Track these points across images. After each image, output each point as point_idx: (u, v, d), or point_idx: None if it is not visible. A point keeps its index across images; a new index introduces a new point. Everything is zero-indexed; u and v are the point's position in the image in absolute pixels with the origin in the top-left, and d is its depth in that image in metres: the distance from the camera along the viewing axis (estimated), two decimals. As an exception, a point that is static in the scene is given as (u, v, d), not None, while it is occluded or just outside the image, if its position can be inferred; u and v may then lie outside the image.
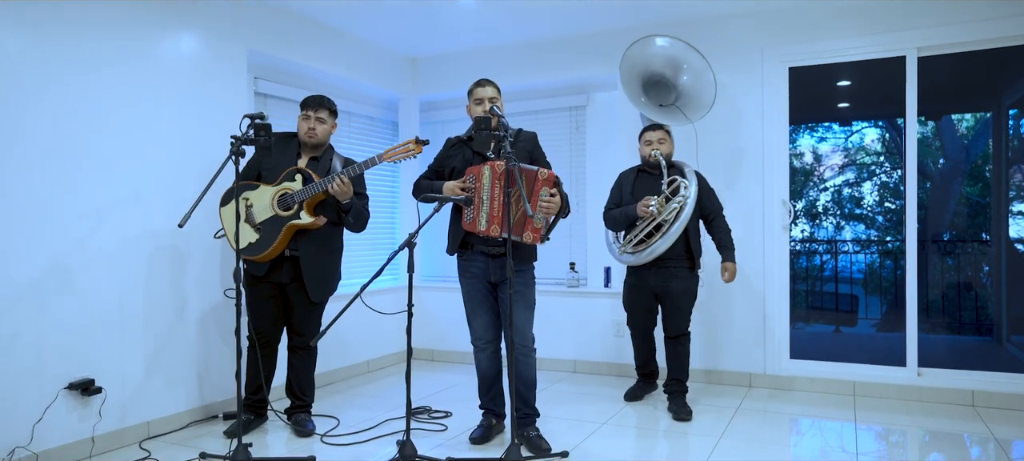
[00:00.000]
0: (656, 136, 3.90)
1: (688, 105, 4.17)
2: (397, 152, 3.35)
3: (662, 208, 3.73)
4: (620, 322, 4.88)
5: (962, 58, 4.18)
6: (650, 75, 4.20)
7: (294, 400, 3.62)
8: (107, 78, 3.32)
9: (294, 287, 3.47)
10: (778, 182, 4.44)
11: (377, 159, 3.35)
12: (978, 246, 7.52)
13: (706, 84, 4.14)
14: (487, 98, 3.26)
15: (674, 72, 4.16)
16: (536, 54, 5.15)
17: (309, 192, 3.30)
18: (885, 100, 7.90)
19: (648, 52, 4.16)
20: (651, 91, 4.22)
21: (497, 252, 3.23)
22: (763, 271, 4.46)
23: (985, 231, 8.39)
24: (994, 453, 3.20)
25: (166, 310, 3.60)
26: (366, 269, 5.45)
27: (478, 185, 3.12)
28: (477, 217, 3.12)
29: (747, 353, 4.52)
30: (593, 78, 5.09)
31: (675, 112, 4.16)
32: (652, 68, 4.16)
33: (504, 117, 3.11)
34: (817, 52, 4.35)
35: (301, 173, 3.37)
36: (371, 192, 5.54)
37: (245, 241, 3.36)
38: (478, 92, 3.29)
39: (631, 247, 3.86)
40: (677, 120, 4.12)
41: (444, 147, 3.44)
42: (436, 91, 5.57)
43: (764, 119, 4.46)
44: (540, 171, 3.06)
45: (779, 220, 4.44)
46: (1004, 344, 6.01)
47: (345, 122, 5.22)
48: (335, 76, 4.87)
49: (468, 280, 3.33)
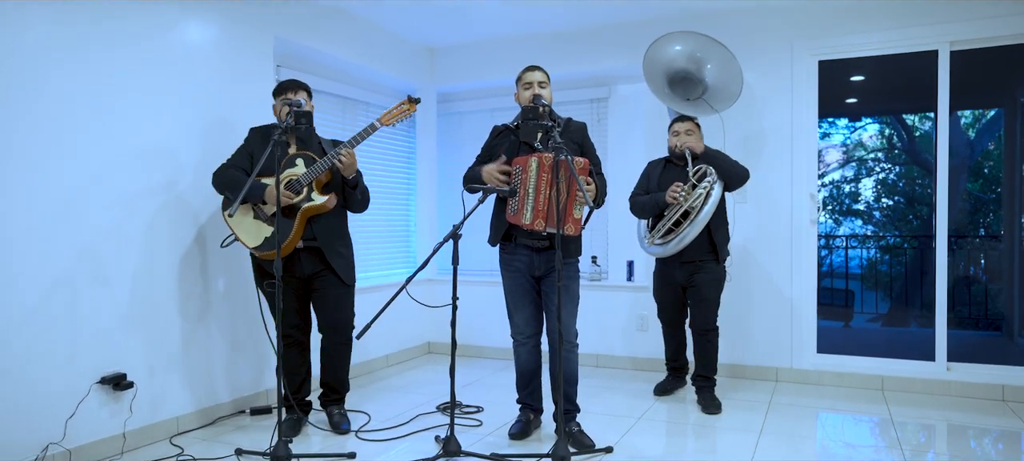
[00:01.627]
0: (684, 127, 3.87)
1: (714, 97, 4.14)
2: (394, 115, 3.31)
3: (689, 195, 3.70)
4: (643, 316, 4.84)
5: (973, 54, 4.19)
6: (674, 72, 4.17)
7: (329, 391, 3.53)
8: (130, 63, 3.22)
9: (322, 277, 3.35)
10: (807, 176, 4.42)
11: (377, 124, 3.28)
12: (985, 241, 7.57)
13: (733, 74, 4.09)
14: (536, 83, 3.20)
15: (698, 67, 4.13)
16: (557, 45, 5.08)
17: (316, 171, 3.18)
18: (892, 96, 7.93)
19: (667, 53, 4.13)
20: (677, 87, 4.18)
21: (542, 245, 3.18)
22: (790, 264, 4.44)
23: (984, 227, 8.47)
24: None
25: (194, 304, 3.51)
26: (382, 260, 5.37)
27: (524, 176, 3.06)
28: (522, 210, 3.05)
29: (773, 347, 4.50)
30: (615, 70, 5.03)
31: (701, 105, 4.12)
32: (675, 66, 4.14)
33: (548, 105, 3.05)
34: (848, 45, 4.33)
35: (302, 157, 3.25)
36: (384, 180, 5.56)
37: (260, 238, 3.20)
38: (527, 76, 3.23)
39: (660, 237, 3.83)
40: (703, 112, 4.08)
41: (491, 135, 3.38)
42: (453, 82, 5.49)
43: (793, 112, 4.43)
44: (576, 160, 3.00)
45: (807, 214, 4.42)
46: (1015, 338, 6.05)
47: (361, 112, 5.13)
48: (353, 65, 4.78)
49: (512, 274, 3.27)
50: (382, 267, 5.36)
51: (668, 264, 3.93)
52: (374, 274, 5.27)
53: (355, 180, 3.32)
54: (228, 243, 3.37)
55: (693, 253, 3.79)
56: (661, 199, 3.80)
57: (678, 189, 3.73)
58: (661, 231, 3.83)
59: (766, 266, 4.48)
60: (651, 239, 3.90)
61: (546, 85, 3.24)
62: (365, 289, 4.74)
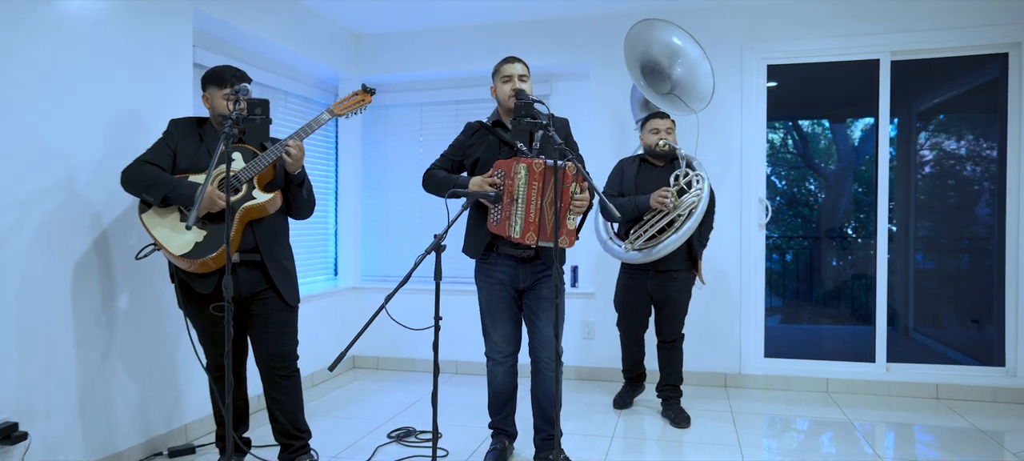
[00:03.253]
0: (664, 124, 3.68)
1: (687, 94, 3.99)
2: (347, 105, 2.91)
3: (677, 201, 3.53)
4: (590, 323, 4.66)
5: (866, 66, 4.36)
6: (648, 62, 3.98)
7: (289, 440, 2.89)
8: (7, 43, 2.58)
9: (262, 298, 2.80)
10: (755, 179, 4.41)
11: (328, 114, 2.85)
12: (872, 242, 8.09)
13: (703, 74, 3.97)
14: (516, 76, 2.89)
15: (670, 61, 3.98)
16: (495, 38, 4.78)
17: (259, 165, 2.68)
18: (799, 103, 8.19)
19: (647, 38, 3.93)
20: (647, 78, 4.01)
21: (527, 255, 2.88)
22: (739, 269, 4.42)
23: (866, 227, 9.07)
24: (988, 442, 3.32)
25: (97, 331, 2.90)
26: (299, 269, 4.84)
27: (508, 183, 2.75)
28: (508, 221, 2.74)
29: (723, 353, 4.46)
30: (559, 67, 4.81)
31: (675, 101, 3.97)
32: (651, 55, 3.96)
33: (542, 102, 2.75)
34: (795, 51, 4.36)
35: (238, 150, 2.74)
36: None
37: (187, 246, 2.63)
38: (507, 69, 2.91)
39: (641, 243, 3.61)
40: (679, 109, 3.92)
41: (464, 133, 3.02)
42: (381, 73, 5.04)
43: (743, 116, 4.41)
44: (567, 165, 2.73)
45: (755, 217, 4.41)
46: (910, 334, 6.47)
47: (280, 102, 4.58)
48: (273, 47, 4.23)
49: (491, 287, 2.94)
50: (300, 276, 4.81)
51: (637, 271, 3.74)
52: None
53: (301, 177, 2.85)
54: (146, 254, 2.76)
55: (669, 262, 3.62)
56: (644, 204, 3.59)
57: (667, 195, 3.53)
58: (644, 237, 3.61)
59: (715, 270, 4.43)
60: (629, 244, 3.67)
61: (527, 79, 2.95)
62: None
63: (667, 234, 3.55)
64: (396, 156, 5.21)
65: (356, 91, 2.94)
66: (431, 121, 5.17)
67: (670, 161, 3.73)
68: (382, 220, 5.23)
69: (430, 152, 5.14)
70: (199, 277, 2.68)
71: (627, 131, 4.55)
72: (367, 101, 2.96)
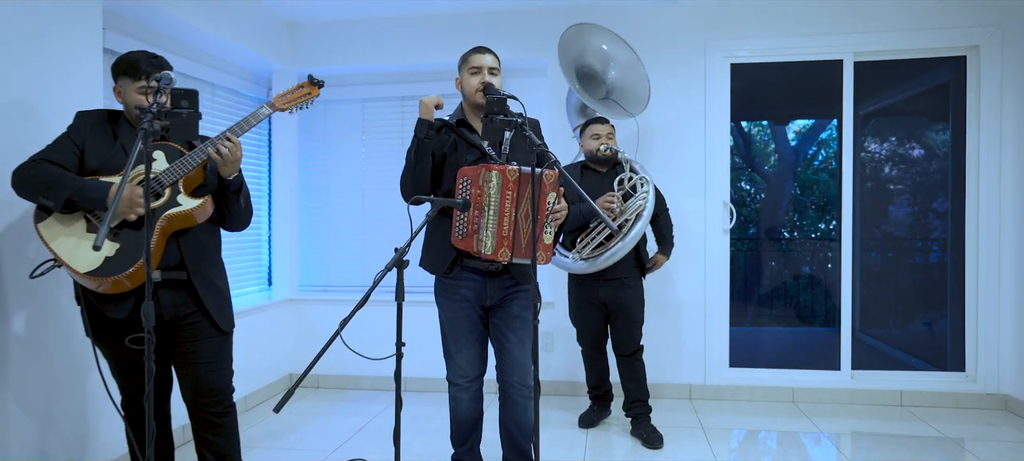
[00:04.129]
0: (605, 129, 3.52)
1: (624, 98, 3.81)
2: (291, 98, 2.55)
3: (623, 206, 3.35)
4: (549, 334, 4.39)
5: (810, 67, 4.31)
6: (582, 67, 3.80)
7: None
8: None
9: (190, 324, 2.38)
10: (719, 182, 4.24)
11: (268, 108, 2.48)
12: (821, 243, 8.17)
13: (638, 77, 3.81)
14: (487, 68, 2.59)
15: (604, 66, 3.81)
16: (443, 29, 4.46)
17: (186, 166, 2.27)
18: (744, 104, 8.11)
19: (580, 44, 3.76)
20: (584, 83, 3.81)
21: (494, 269, 2.58)
22: (704, 276, 4.25)
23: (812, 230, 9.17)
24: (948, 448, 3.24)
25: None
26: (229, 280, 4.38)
27: (477, 192, 2.44)
28: (477, 235, 2.43)
29: (686, 363, 4.28)
30: (513, 62, 4.51)
31: (612, 106, 3.78)
32: (585, 60, 3.78)
33: (515, 98, 2.46)
34: (759, 50, 4.22)
35: (161, 148, 2.33)
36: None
37: (95, 262, 2.20)
38: (475, 59, 2.61)
39: (588, 252, 3.41)
40: (617, 114, 3.74)
41: None
42: (319, 65, 4.62)
43: (706, 117, 4.23)
44: (545, 173, 2.45)
45: (720, 222, 4.25)
46: (858, 336, 6.51)
47: (206, 95, 4.12)
48: (195, 32, 3.77)
49: (455, 304, 2.63)
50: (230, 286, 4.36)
51: (587, 282, 3.53)
52: (224, 297, 4.27)
53: (238, 181, 2.45)
54: (43, 272, 2.30)
55: (618, 269, 3.45)
56: (589, 211, 3.37)
57: (613, 200, 3.34)
58: (591, 245, 3.40)
59: (677, 278, 4.25)
60: (577, 254, 3.45)
61: (498, 72, 2.65)
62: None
63: (615, 241, 3.35)
64: (337, 156, 4.81)
65: (302, 83, 2.58)
66: (375, 119, 4.79)
67: (613, 166, 3.56)
68: (321, 225, 4.82)
69: (374, 152, 4.76)
70: (111, 300, 2.25)
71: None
72: (314, 94, 2.60)
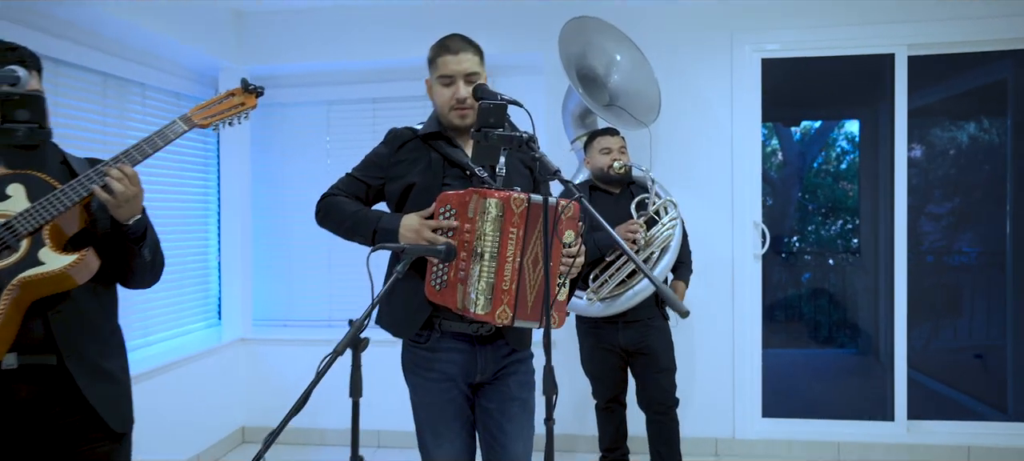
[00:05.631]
0: (616, 143, 2.90)
1: (633, 105, 3.18)
2: (215, 111, 1.83)
3: (648, 236, 2.72)
4: (549, 380, 3.71)
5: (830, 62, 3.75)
6: (584, 68, 3.18)
7: None
8: None
9: (64, 426, 1.68)
10: (749, 199, 3.59)
11: (182, 124, 1.76)
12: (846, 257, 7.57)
13: (645, 81, 3.23)
14: (462, 75, 1.91)
15: (606, 68, 3.21)
16: (421, 18, 3.76)
17: (53, 208, 1.61)
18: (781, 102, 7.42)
19: (581, 42, 3.16)
20: (587, 87, 3.18)
21: (483, 333, 1.91)
22: (731, 310, 3.60)
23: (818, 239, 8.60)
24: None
25: None
26: (169, 315, 3.69)
27: (465, 227, 1.78)
28: (464, 287, 1.77)
29: (711, 414, 3.62)
30: (501, 57, 3.83)
31: (621, 114, 3.15)
32: (587, 61, 3.17)
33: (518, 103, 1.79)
34: (794, 43, 3.58)
35: (20, 181, 1.64)
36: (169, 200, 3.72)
37: None
38: (447, 63, 1.91)
39: (608, 291, 2.76)
40: (625, 122, 3.11)
41: (387, 144, 2.02)
42: (274, 61, 3.91)
43: (733, 122, 3.58)
44: (560, 202, 1.77)
45: (750, 246, 3.59)
46: (881, 359, 5.90)
47: (137, 98, 3.41)
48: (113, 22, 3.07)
49: (431, 385, 1.95)
50: (170, 326, 3.66)
51: (604, 326, 2.89)
52: (159, 339, 3.57)
53: (140, 225, 1.73)
54: None
55: (640, 310, 2.83)
56: (607, 241, 2.74)
57: (637, 229, 2.72)
58: (611, 283, 2.76)
59: (701, 313, 3.58)
60: (592, 293, 2.80)
61: (480, 76, 1.96)
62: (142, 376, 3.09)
63: (639, 276, 2.72)
64: (296, 169, 4.09)
65: (231, 90, 1.85)
66: (341, 124, 4.09)
67: (627, 186, 2.92)
68: (279, 249, 4.10)
69: (342, 163, 4.05)
70: None
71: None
72: (249, 105, 1.87)
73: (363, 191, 1.99)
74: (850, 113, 7.16)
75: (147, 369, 3.23)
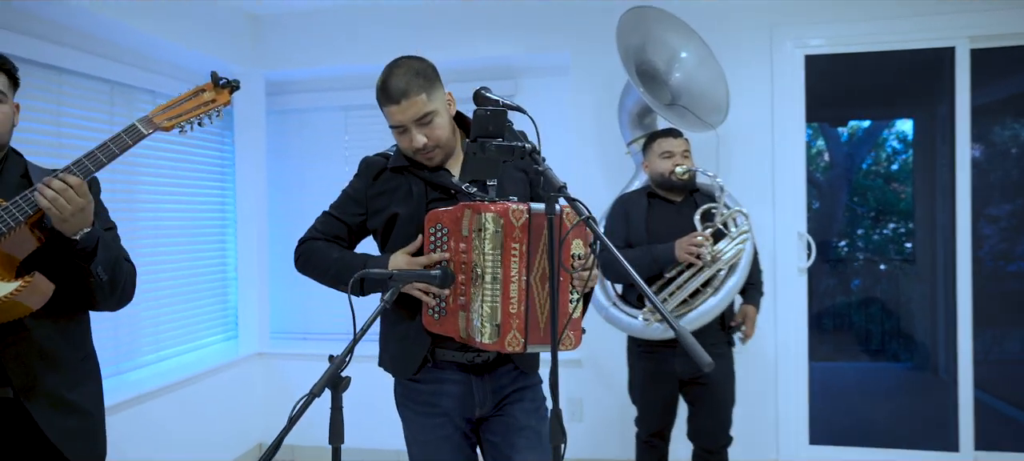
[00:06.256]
0: (679, 146, 2.60)
1: (696, 104, 2.92)
2: (181, 110, 1.64)
3: (714, 252, 2.45)
4: (577, 400, 3.50)
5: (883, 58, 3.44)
6: (643, 63, 2.92)
7: None
8: None
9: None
10: (792, 207, 3.32)
11: (142, 127, 1.59)
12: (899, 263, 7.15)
13: (712, 78, 2.95)
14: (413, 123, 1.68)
15: (668, 64, 2.94)
16: (442, 18, 3.59)
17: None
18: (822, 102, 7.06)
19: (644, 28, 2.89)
20: (647, 84, 2.92)
21: (482, 360, 1.72)
22: (775, 327, 3.32)
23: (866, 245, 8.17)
24: None
25: None
26: (184, 329, 3.58)
27: (459, 248, 1.59)
28: (467, 314, 1.58)
29: (753, 442, 3.33)
30: (525, 58, 3.66)
31: (683, 113, 2.88)
32: (645, 53, 2.91)
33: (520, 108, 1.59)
34: (842, 38, 3.29)
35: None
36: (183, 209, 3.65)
37: None
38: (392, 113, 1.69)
39: (671, 309, 2.49)
40: (690, 124, 2.84)
41: (362, 175, 1.83)
42: (290, 66, 3.79)
43: (774, 123, 3.31)
44: (565, 211, 1.56)
45: (795, 259, 3.32)
46: (941, 375, 5.50)
47: (147, 105, 3.30)
48: (121, 29, 2.97)
49: (425, 418, 1.76)
50: (183, 340, 3.56)
51: (659, 350, 2.61)
52: (175, 353, 3.47)
53: (88, 240, 1.53)
54: None
55: (703, 334, 2.53)
56: (666, 257, 2.48)
57: (702, 244, 2.44)
58: (673, 302, 2.49)
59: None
60: (648, 313, 2.53)
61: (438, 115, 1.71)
62: (155, 392, 2.99)
63: (703, 296, 2.46)
64: (314, 175, 3.96)
65: (201, 86, 1.69)
66: (359, 129, 3.95)
67: (690, 193, 2.66)
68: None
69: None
70: None
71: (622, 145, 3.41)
72: (222, 102, 1.70)
73: (343, 231, 1.80)
74: (902, 111, 6.75)
75: (160, 386, 3.13)
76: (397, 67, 1.69)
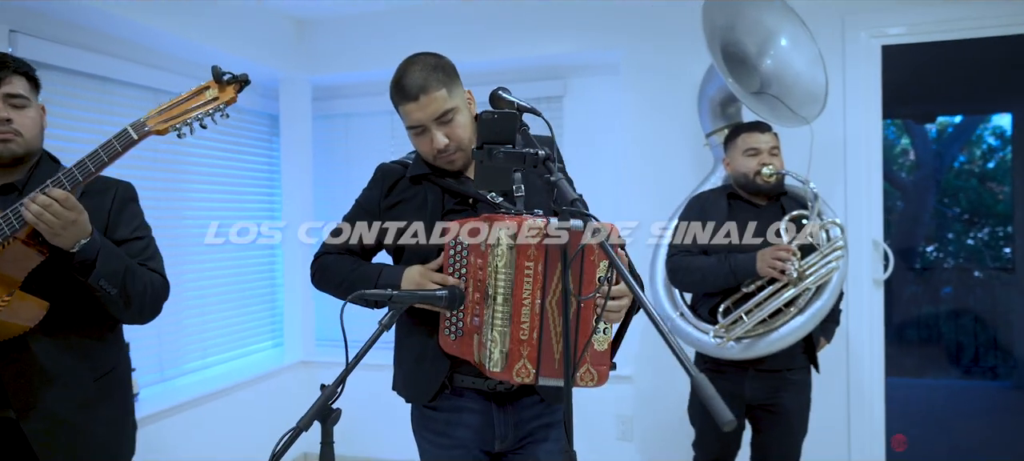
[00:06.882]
0: (767, 142, 2.35)
1: (788, 93, 2.63)
2: (177, 113, 1.55)
3: (802, 267, 2.20)
4: (627, 418, 3.30)
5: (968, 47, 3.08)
6: (731, 45, 2.65)
7: None
8: None
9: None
10: (867, 212, 3.01)
11: (133, 132, 1.50)
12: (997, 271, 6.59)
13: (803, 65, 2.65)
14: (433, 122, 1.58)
15: (760, 47, 2.64)
16: (489, 19, 3.46)
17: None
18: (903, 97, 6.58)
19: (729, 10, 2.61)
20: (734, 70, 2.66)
21: (504, 388, 1.57)
22: (846, 347, 3.02)
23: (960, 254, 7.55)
24: None
25: None
26: (232, 336, 3.58)
27: (479, 264, 1.44)
28: (479, 337, 1.43)
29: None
30: (574, 57, 3.48)
31: (773, 103, 2.61)
32: (734, 35, 2.62)
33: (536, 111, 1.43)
34: (925, 25, 2.96)
35: None
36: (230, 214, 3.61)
37: None
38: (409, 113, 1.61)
39: (744, 330, 2.27)
40: (781, 116, 2.55)
41: (374, 185, 1.74)
42: (336, 70, 3.74)
43: (846, 121, 3.02)
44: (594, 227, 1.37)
45: (869, 270, 3.01)
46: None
47: (192, 114, 3.30)
48: (166, 37, 2.96)
49: (441, 449, 1.63)
50: (232, 346, 3.55)
51: (729, 370, 2.38)
52: (217, 361, 3.47)
53: (87, 252, 1.46)
54: None
55: (780, 357, 2.30)
56: (746, 269, 2.25)
57: (788, 257, 2.20)
58: (751, 321, 2.26)
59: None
60: (723, 331, 2.31)
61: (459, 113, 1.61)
62: (198, 399, 2.98)
63: (785, 316, 2.23)
64: (360, 180, 3.86)
65: (202, 84, 1.61)
66: (405, 133, 3.83)
67: (776, 197, 2.40)
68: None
69: (405, 176, 3.83)
70: None
71: (680, 150, 3.18)
72: (226, 99, 1.61)
73: (357, 243, 1.69)
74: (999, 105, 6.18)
75: (202, 394, 3.12)
76: (413, 62, 1.58)
